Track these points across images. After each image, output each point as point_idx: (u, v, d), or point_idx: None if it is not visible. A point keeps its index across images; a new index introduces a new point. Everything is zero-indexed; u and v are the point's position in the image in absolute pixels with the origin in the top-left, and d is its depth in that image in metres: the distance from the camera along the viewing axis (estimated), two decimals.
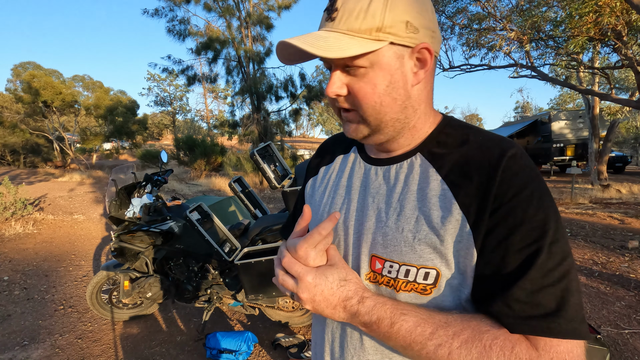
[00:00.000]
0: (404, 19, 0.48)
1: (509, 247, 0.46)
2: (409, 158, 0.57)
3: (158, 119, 36.85)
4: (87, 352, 2.56)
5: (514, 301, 0.45)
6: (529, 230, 0.45)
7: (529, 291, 0.44)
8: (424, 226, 0.51)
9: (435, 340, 0.46)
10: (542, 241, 0.45)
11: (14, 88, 21.17)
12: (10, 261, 4.33)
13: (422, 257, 0.50)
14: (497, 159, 0.48)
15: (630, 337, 2.50)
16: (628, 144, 25.49)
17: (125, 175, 3.31)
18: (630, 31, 6.13)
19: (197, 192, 10.29)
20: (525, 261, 0.45)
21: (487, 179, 0.48)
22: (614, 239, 4.62)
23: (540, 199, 0.46)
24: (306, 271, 0.52)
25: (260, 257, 2.23)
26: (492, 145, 0.51)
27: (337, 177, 0.66)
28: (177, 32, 11.42)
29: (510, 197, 0.46)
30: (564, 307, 0.44)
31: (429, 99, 0.56)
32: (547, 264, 0.44)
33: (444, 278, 0.50)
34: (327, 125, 37.60)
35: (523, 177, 0.47)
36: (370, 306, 0.50)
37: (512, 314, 0.45)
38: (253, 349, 2.51)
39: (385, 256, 0.54)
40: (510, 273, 0.45)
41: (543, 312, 0.44)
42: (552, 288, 0.44)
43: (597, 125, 11.30)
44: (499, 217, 0.46)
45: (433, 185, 0.52)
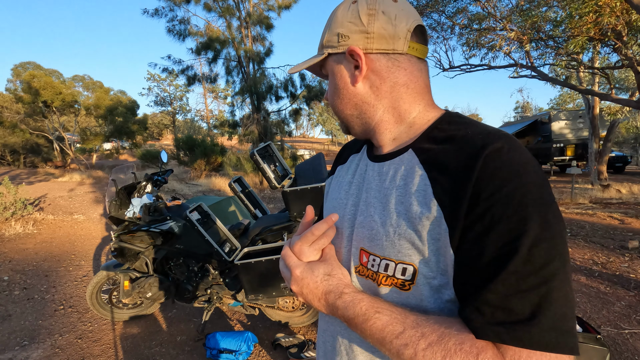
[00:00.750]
0: (336, 32, 0.58)
1: (484, 247, 0.43)
2: (403, 153, 0.58)
3: (158, 119, 36.83)
4: (87, 352, 2.56)
5: (484, 305, 0.42)
6: (505, 229, 0.42)
7: (501, 295, 0.41)
8: (403, 221, 0.51)
9: (402, 340, 0.46)
10: (519, 241, 0.41)
11: (14, 88, 21.18)
12: (10, 261, 4.34)
13: (401, 252, 0.51)
14: (476, 153, 0.46)
15: (630, 337, 2.49)
16: (628, 144, 25.49)
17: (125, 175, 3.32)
18: (630, 31, 6.12)
19: (197, 192, 10.29)
20: (498, 262, 0.42)
21: (464, 174, 0.46)
22: (614, 239, 4.62)
23: (523, 197, 0.42)
24: (296, 265, 0.57)
25: (260, 257, 2.23)
26: (477, 139, 0.48)
27: (347, 174, 0.70)
28: (177, 32, 11.43)
29: (489, 194, 0.43)
30: (539, 315, 0.40)
31: (394, 94, 0.58)
32: (525, 267, 0.41)
33: (421, 275, 0.49)
34: (327, 125, 37.57)
35: (505, 173, 0.44)
36: (347, 301, 0.52)
37: (481, 319, 0.42)
38: (253, 349, 2.51)
39: (370, 250, 0.55)
40: (482, 275, 0.43)
41: (514, 319, 0.41)
42: (527, 293, 0.40)
43: (597, 125, 11.30)
44: (475, 215, 0.44)
45: (416, 180, 0.52)
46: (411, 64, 0.58)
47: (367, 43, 0.56)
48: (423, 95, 0.59)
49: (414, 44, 0.57)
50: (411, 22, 0.56)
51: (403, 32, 0.55)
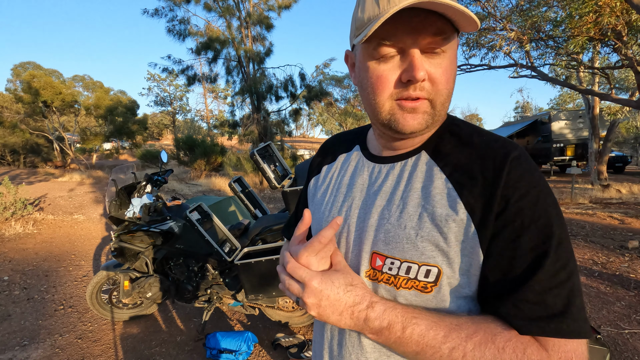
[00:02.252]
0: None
1: (517, 249, 0.46)
2: (414, 156, 0.57)
3: (158, 119, 36.82)
4: (87, 352, 2.56)
5: (523, 302, 0.45)
6: (536, 232, 0.46)
7: (538, 292, 0.45)
8: (427, 223, 0.51)
9: (449, 343, 0.46)
10: (549, 243, 0.45)
11: (14, 88, 21.17)
12: (10, 261, 4.33)
13: (424, 254, 0.50)
14: (502, 161, 0.49)
15: (630, 337, 2.50)
16: (628, 144, 25.48)
17: (125, 175, 3.32)
18: (630, 31, 6.12)
19: (197, 192, 10.29)
20: (533, 263, 0.45)
21: (492, 180, 0.48)
22: (614, 239, 4.62)
23: (545, 201, 0.47)
24: (312, 276, 0.51)
25: (260, 257, 2.23)
26: (497, 146, 0.51)
27: (339, 175, 0.67)
28: (177, 32, 11.43)
29: (517, 199, 0.46)
30: (570, 307, 0.44)
31: None
32: (555, 266, 0.45)
33: (445, 276, 0.50)
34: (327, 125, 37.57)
35: (528, 179, 0.47)
36: (380, 311, 0.49)
37: (522, 315, 0.45)
38: (253, 349, 2.51)
39: (386, 253, 0.53)
40: (519, 275, 0.46)
41: (551, 313, 0.44)
42: (559, 289, 0.45)
43: (597, 125, 11.30)
44: (506, 219, 0.47)
45: (437, 183, 0.52)
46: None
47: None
48: None
49: None
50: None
51: None
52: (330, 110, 26.00)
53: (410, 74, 0.48)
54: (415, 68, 0.47)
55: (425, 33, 0.47)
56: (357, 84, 0.57)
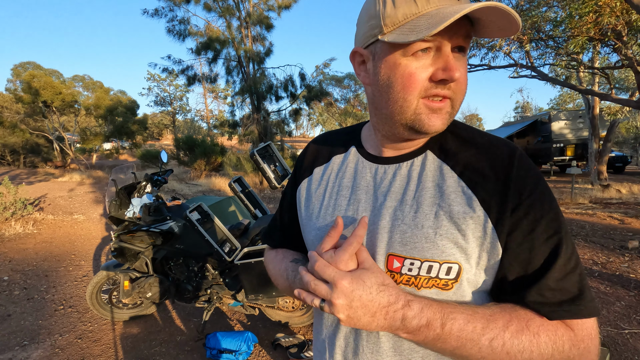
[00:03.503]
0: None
1: (535, 240, 0.49)
2: (419, 155, 0.57)
3: (158, 119, 36.81)
4: (87, 352, 2.56)
5: (546, 290, 0.49)
6: (548, 223, 0.49)
7: (557, 279, 0.48)
8: (445, 221, 0.52)
9: (488, 334, 0.47)
10: (561, 232, 0.49)
11: (14, 88, 21.16)
12: (10, 261, 4.33)
13: (445, 252, 0.51)
14: (509, 159, 0.52)
15: (630, 337, 2.49)
16: (628, 144, 25.48)
17: (125, 175, 3.33)
18: (630, 31, 6.12)
19: (197, 192, 10.29)
20: (552, 252, 0.49)
21: (504, 177, 0.51)
22: (614, 239, 4.62)
23: (549, 195, 0.51)
24: (342, 275, 0.49)
25: (260, 257, 2.23)
26: (500, 146, 0.54)
27: (337, 177, 0.65)
28: (177, 32, 11.43)
29: (528, 194, 0.50)
30: (584, 289, 0.49)
31: None
32: (567, 253, 0.49)
33: (465, 272, 0.52)
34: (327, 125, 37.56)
35: (533, 176, 0.51)
36: (418, 309, 0.48)
37: (547, 302, 0.49)
38: (253, 349, 2.51)
39: (404, 254, 0.52)
40: (539, 265, 0.49)
41: (570, 297, 0.48)
42: (572, 274, 0.49)
43: (597, 125, 11.30)
44: (521, 214, 0.50)
45: (450, 182, 0.54)
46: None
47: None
48: None
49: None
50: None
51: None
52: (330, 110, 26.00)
53: (448, 73, 0.48)
54: (452, 68, 0.48)
55: (459, 34, 0.48)
56: (376, 82, 0.54)
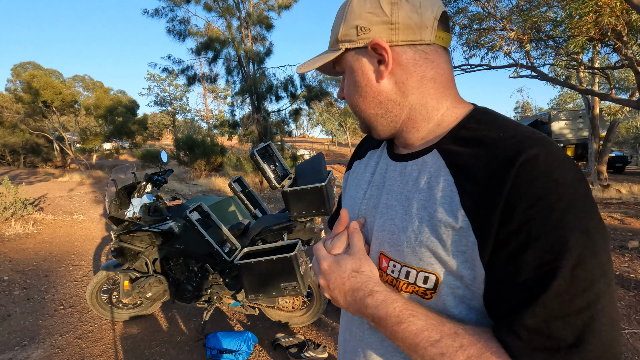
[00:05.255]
0: (354, 24, 0.52)
1: (521, 264, 0.40)
2: (427, 154, 0.53)
3: (158, 119, 36.78)
4: (87, 352, 2.56)
5: (522, 329, 0.39)
6: (545, 247, 0.38)
7: (542, 319, 0.38)
8: (426, 228, 0.48)
9: (438, 348, 0.43)
10: (560, 261, 0.38)
11: (14, 88, 21.15)
12: (10, 261, 4.33)
13: (422, 260, 0.48)
14: (510, 161, 0.42)
15: (630, 337, 2.49)
16: (628, 144, 25.49)
17: (125, 175, 3.33)
18: (630, 31, 6.12)
19: (197, 192, 10.29)
20: (538, 283, 0.39)
21: (496, 184, 0.42)
22: (614, 239, 4.62)
23: (565, 210, 0.39)
24: (324, 257, 0.55)
25: (260, 257, 2.22)
26: (510, 144, 0.44)
27: (364, 171, 0.67)
28: (177, 32, 11.42)
29: (525, 207, 0.40)
30: (584, 342, 0.37)
31: (422, 90, 0.53)
32: (568, 289, 0.37)
33: (444, 285, 0.47)
34: (327, 125, 37.52)
35: (543, 184, 0.40)
36: (379, 300, 0.49)
37: (519, 344, 0.39)
38: (253, 349, 2.51)
39: (390, 255, 0.53)
40: (520, 296, 0.40)
41: (556, 346, 0.38)
42: (570, 318, 0.38)
43: (597, 125, 11.31)
44: (510, 230, 0.41)
45: (442, 185, 0.48)
46: (438, 55, 0.53)
47: (392, 35, 0.50)
48: (450, 89, 0.55)
49: (440, 32, 0.52)
50: (437, 9, 0.51)
51: (430, 20, 0.50)
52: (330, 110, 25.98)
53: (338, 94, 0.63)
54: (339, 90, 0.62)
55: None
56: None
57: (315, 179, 2.36)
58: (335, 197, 2.56)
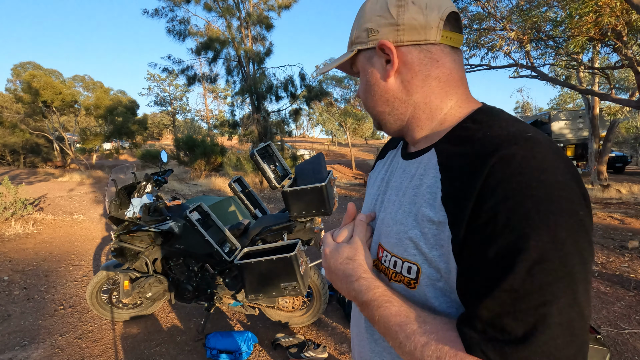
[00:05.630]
0: (365, 27, 0.56)
1: (481, 259, 0.41)
2: (427, 152, 0.56)
3: (158, 119, 36.76)
4: (87, 352, 2.56)
5: (476, 320, 0.41)
6: (504, 244, 0.39)
7: (495, 313, 0.40)
8: (412, 222, 0.52)
9: (405, 332, 0.46)
10: (517, 258, 0.38)
11: (14, 88, 21.16)
12: (10, 261, 4.33)
13: (407, 251, 0.52)
14: (485, 159, 0.43)
15: (630, 337, 2.49)
16: (628, 144, 25.48)
17: (125, 175, 3.33)
18: (630, 31, 6.13)
19: (197, 192, 10.29)
20: (494, 278, 0.40)
21: (469, 181, 0.44)
22: (614, 239, 4.62)
23: (530, 210, 0.39)
24: (328, 244, 0.62)
25: (260, 257, 2.23)
26: (491, 142, 0.45)
27: (381, 170, 0.72)
28: (177, 32, 11.43)
29: (492, 204, 0.41)
30: (532, 337, 0.38)
31: (426, 88, 0.55)
32: (522, 286, 0.38)
33: (424, 275, 0.50)
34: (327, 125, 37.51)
35: (512, 183, 0.40)
36: (364, 286, 0.53)
37: (473, 334, 0.41)
38: (253, 349, 2.51)
39: (385, 246, 0.57)
40: (479, 289, 0.42)
41: (505, 339, 0.39)
42: (522, 314, 0.38)
43: (597, 125, 11.31)
44: (477, 226, 0.42)
45: (429, 181, 0.51)
46: (444, 54, 0.54)
47: (398, 36, 0.53)
48: (457, 88, 0.56)
49: (447, 32, 0.53)
50: (444, 10, 0.53)
51: (435, 21, 0.52)
52: (330, 110, 25.97)
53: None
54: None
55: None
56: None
57: (315, 179, 2.36)
58: (335, 197, 2.56)
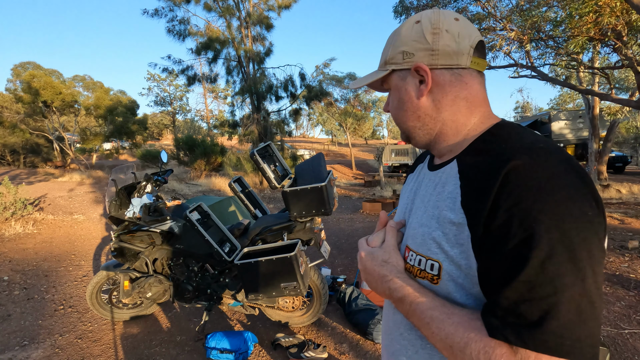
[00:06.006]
0: (400, 50, 0.63)
1: (500, 256, 0.48)
2: (450, 163, 0.63)
3: (158, 119, 36.74)
4: (87, 352, 2.56)
5: (497, 308, 0.47)
6: (519, 242, 0.46)
7: (513, 301, 0.45)
8: (435, 224, 0.59)
9: (437, 323, 0.53)
10: (530, 254, 0.45)
11: (14, 88, 21.15)
12: (10, 261, 4.33)
13: (430, 250, 0.59)
14: (498, 169, 0.50)
15: (630, 337, 2.50)
16: (628, 144, 25.46)
17: (125, 175, 3.33)
18: (630, 31, 6.12)
19: (197, 192, 10.29)
20: (512, 271, 0.46)
21: (487, 187, 0.50)
22: (614, 239, 4.62)
23: (539, 212, 0.45)
24: (362, 249, 0.70)
25: (260, 257, 2.23)
26: (506, 153, 0.52)
27: (411, 181, 0.80)
28: (177, 32, 11.43)
29: (507, 207, 0.47)
30: (546, 321, 0.43)
31: (454, 107, 0.62)
32: (536, 278, 0.44)
33: (445, 272, 0.56)
34: (327, 125, 37.50)
35: (522, 189, 0.47)
36: (398, 285, 0.61)
37: (494, 321, 0.47)
38: (253, 349, 2.51)
39: (411, 247, 0.64)
40: (497, 280, 0.48)
41: (523, 323, 0.44)
42: (537, 302, 0.44)
43: (597, 125, 11.31)
44: (494, 227, 0.48)
45: (451, 188, 0.58)
46: (472, 77, 0.62)
47: (432, 59, 0.61)
48: (480, 107, 0.63)
49: (476, 58, 0.61)
50: (473, 39, 0.61)
51: (466, 48, 0.60)
52: (330, 110, 25.97)
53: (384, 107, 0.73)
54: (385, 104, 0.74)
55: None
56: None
57: (315, 179, 2.37)
58: (335, 197, 2.56)
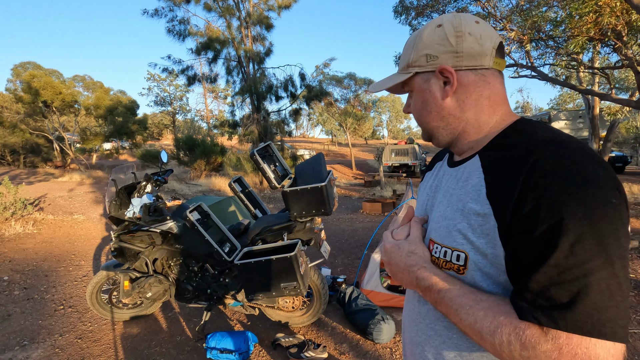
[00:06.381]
0: (423, 53, 0.65)
1: (529, 242, 0.49)
2: (472, 159, 0.65)
3: (158, 119, 36.74)
4: (87, 352, 2.56)
5: (527, 292, 0.49)
6: (547, 228, 0.48)
7: (543, 284, 0.48)
8: (459, 216, 0.61)
9: (466, 309, 0.55)
10: (560, 239, 0.46)
11: (14, 88, 21.15)
12: (10, 261, 4.33)
13: (456, 241, 0.61)
14: (524, 161, 0.53)
15: (630, 337, 2.50)
16: (628, 144, 25.45)
17: (125, 175, 3.32)
18: (630, 31, 6.12)
19: (197, 192, 10.30)
20: (541, 256, 0.48)
21: (513, 178, 0.53)
22: None
23: (569, 199, 0.47)
24: (387, 241, 0.73)
25: (260, 257, 2.23)
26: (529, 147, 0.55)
27: (429, 179, 0.82)
28: (177, 32, 11.43)
29: (534, 196, 0.49)
30: (576, 303, 0.45)
31: (477, 106, 0.65)
32: (566, 261, 0.46)
33: (471, 262, 0.58)
34: (327, 125, 37.49)
35: (551, 178, 0.49)
36: (426, 274, 0.63)
37: (524, 304, 0.49)
38: (253, 349, 2.51)
39: (436, 239, 0.66)
40: (528, 266, 0.50)
41: (553, 305, 0.47)
42: (567, 284, 0.46)
43: (597, 125, 11.31)
44: (522, 215, 0.50)
45: (475, 181, 0.60)
46: (494, 77, 0.65)
47: (457, 61, 0.63)
48: (501, 106, 0.66)
49: (497, 59, 0.64)
50: (495, 40, 0.63)
51: (489, 49, 0.63)
52: (330, 110, 25.95)
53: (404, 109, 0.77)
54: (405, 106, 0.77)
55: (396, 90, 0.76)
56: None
57: (315, 179, 2.36)
58: (335, 197, 2.56)
